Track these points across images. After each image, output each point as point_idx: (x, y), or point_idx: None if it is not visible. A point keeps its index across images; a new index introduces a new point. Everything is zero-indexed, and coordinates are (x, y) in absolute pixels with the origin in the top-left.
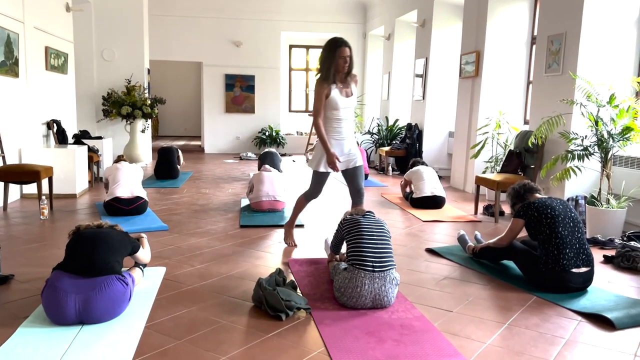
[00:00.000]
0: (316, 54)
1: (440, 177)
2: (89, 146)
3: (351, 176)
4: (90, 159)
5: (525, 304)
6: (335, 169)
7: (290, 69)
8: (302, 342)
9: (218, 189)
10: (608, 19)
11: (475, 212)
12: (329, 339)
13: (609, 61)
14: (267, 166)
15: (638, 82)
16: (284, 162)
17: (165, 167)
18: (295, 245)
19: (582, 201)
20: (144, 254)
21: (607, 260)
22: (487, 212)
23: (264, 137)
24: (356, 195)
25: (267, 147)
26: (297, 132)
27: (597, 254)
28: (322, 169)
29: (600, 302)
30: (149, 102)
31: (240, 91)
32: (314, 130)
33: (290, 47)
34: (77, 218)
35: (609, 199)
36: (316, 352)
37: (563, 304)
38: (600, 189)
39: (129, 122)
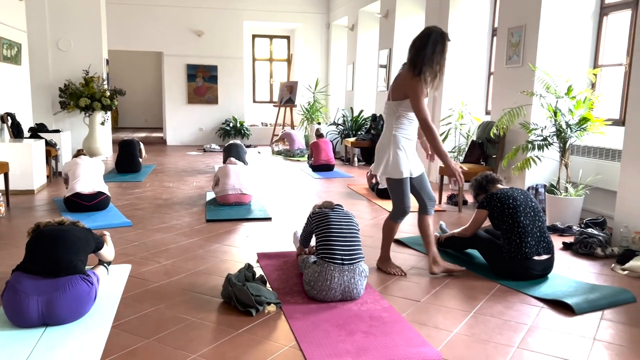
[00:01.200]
0: (280, 44)
1: None
2: (46, 140)
3: (420, 182)
4: (48, 153)
5: (490, 292)
6: (461, 180)
7: (254, 59)
8: (273, 337)
9: (182, 182)
10: (566, 12)
11: (440, 202)
12: (299, 333)
13: (567, 53)
14: (232, 159)
15: (594, 74)
16: (249, 153)
17: (126, 161)
18: (404, 273)
19: (542, 190)
20: (108, 251)
21: (566, 247)
22: (451, 201)
23: (228, 128)
24: (429, 202)
25: (232, 138)
26: (262, 123)
27: (557, 241)
28: (405, 174)
29: (561, 289)
30: (108, 93)
31: (202, 82)
32: (279, 121)
33: (254, 36)
34: (36, 215)
35: (567, 188)
36: (287, 347)
37: (525, 291)
38: (559, 177)
39: (87, 114)
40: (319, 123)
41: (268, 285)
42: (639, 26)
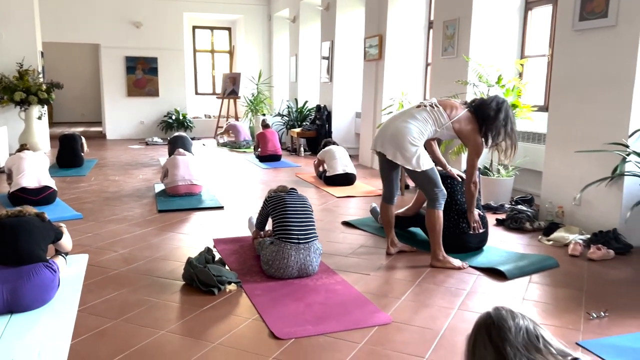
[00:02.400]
0: (221, 35)
1: (350, 156)
2: None
3: (398, 176)
4: None
5: None
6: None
7: (195, 51)
8: (236, 312)
9: (128, 175)
10: (495, 6)
11: (402, 194)
12: (261, 307)
13: (497, 45)
14: (180, 150)
15: (521, 64)
16: (194, 146)
17: (68, 155)
18: (465, 266)
19: (476, 172)
20: (66, 241)
21: (499, 223)
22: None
23: (170, 121)
24: (396, 193)
25: (175, 131)
26: (206, 115)
27: (491, 218)
28: (431, 162)
29: (494, 258)
30: (44, 87)
31: (142, 74)
32: (223, 113)
33: (194, 28)
34: None
35: (499, 170)
36: (251, 320)
37: (463, 261)
38: (491, 160)
39: (23, 108)
40: (264, 114)
41: (227, 267)
42: (558, 20)
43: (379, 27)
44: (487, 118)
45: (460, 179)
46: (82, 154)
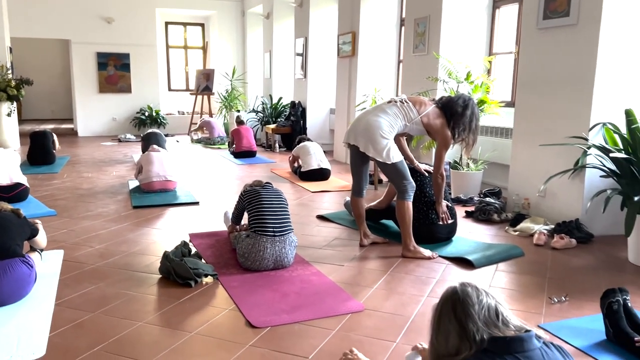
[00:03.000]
0: (194, 31)
1: (325, 152)
2: None
3: (368, 169)
4: None
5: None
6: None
7: (168, 47)
8: (213, 303)
9: (101, 172)
10: (464, 4)
11: (376, 188)
12: (237, 298)
13: (466, 42)
14: (154, 146)
15: (489, 61)
16: (167, 142)
17: (39, 153)
18: (435, 256)
19: (447, 166)
20: (41, 238)
21: (468, 215)
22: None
23: (143, 117)
24: (365, 187)
25: (148, 128)
26: (179, 112)
27: (460, 210)
28: (401, 155)
29: (463, 248)
30: (13, 83)
31: (114, 70)
32: (197, 109)
33: (167, 24)
34: None
35: (468, 164)
36: (227, 310)
37: (433, 251)
38: (461, 155)
39: None
40: (238, 111)
41: (203, 260)
42: (523, 18)
43: (352, 24)
44: (455, 114)
45: (427, 174)
46: (54, 151)
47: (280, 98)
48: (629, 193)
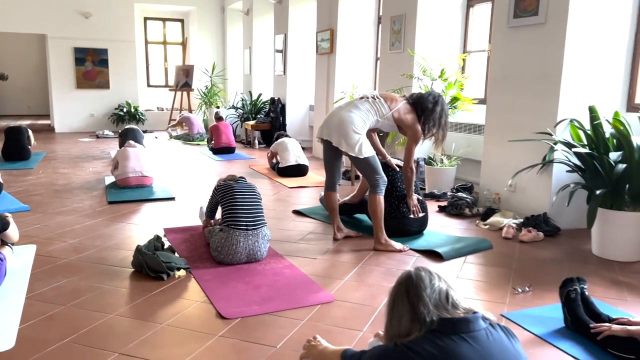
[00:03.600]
0: (173, 27)
1: (303, 148)
2: None
3: (341, 164)
4: None
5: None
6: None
7: (147, 42)
8: (185, 296)
9: (78, 168)
10: (439, 3)
11: (352, 184)
12: (209, 291)
13: (441, 40)
14: (131, 142)
15: (463, 59)
16: (146, 139)
17: (14, 148)
18: (406, 249)
19: (422, 162)
20: (13, 231)
21: (441, 209)
22: (345, 176)
23: (121, 113)
24: (338, 181)
25: (126, 124)
26: (158, 108)
27: (434, 205)
28: (373, 150)
29: (433, 241)
30: None
31: (92, 65)
32: (176, 105)
33: (145, 19)
34: None
35: (442, 160)
36: (199, 302)
37: (404, 244)
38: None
39: None
40: (218, 107)
41: (177, 254)
42: (495, 17)
43: (330, 21)
44: (425, 110)
45: (398, 168)
46: (29, 147)
47: (260, 94)
48: (592, 187)
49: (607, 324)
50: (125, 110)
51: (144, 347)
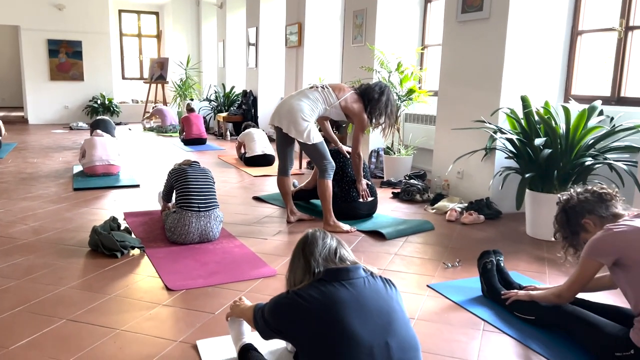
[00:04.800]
0: (148, 19)
1: (272, 140)
2: None
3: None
4: None
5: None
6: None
7: (121, 35)
8: (136, 271)
9: (47, 158)
10: None
11: (300, 167)
12: (159, 266)
13: (400, 34)
14: (98, 131)
15: (420, 52)
16: (120, 130)
17: None
18: (353, 229)
19: (381, 152)
20: None
21: (395, 195)
22: (309, 166)
23: (95, 105)
24: (290, 166)
25: (100, 116)
26: (133, 100)
27: (388, 192)
28: (321, 136)
29: (380, 223)
30: None
31: (66, 57)
32: (151, 98)
33: (120, 11)
34: None
35: (400, 149)
36: (147, 277)
37: (352, 226)
38: (392, 141)
39: None
40: (192, 99)
41: (133, 235)
42: (445, 12)
43: (298, 15)
44: (372, 100)
45: (348, 155)
46: (0, 137)
47: (233, 87)
48: (523, 172)
49: (514, 291)
50: (99, 102)
51: (90, 314)
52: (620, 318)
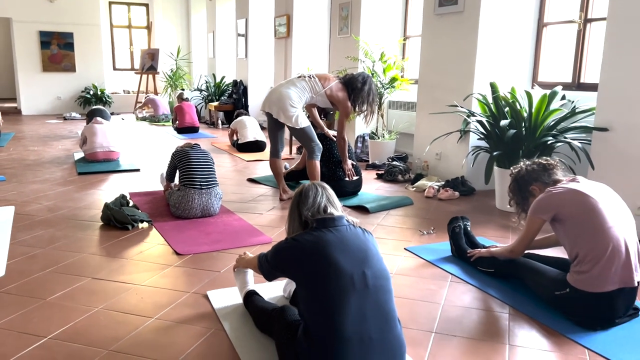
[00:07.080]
0: (138, 11)
1: (263, 128)
2: None
3: (283, 132)
4: None
5: None
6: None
7: (112, 26)
8: (147, 240)
9: (47, 146)
10: None
11: (290, 152)
12: (167, 236)
13: (384, 25)
14: (98, 118)
15: (402, 43)
16: (113, 120)
17: None
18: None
19: (367, 137)
20: None
21: (379, 176)
22: (299, 151)
23: (88, 96)
24: (281, 148)
25: (93, 106)
26: (124, 91)
27: (372, 173)
28: (308, 121)
29: (364, 199)
30: None
31: (58, 49)
32: (142, 88)
33: (110, 3)
34: None
35: (384, 134)
36: (158, 244)
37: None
38: (377, 127)
39: None
40: (183, 89)
41: (140, 210)
42: (424, 5)
43: (286, 7)
44: (355, 89)
45: (334, 138)
46: None
47: (223, 77)
48: (491, 151)
49: (478, 249)
50: (91, 93)
51: (112, 274)
52: (562, 266)
